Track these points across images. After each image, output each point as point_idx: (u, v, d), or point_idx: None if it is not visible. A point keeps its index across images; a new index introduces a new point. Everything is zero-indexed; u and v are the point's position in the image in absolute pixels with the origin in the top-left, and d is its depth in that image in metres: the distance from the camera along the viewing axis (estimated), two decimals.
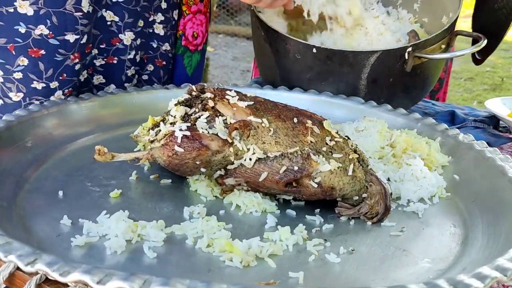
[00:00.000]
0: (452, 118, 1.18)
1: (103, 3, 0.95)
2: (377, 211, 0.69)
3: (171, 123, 0.74)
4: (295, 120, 0.72)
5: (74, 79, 0.93)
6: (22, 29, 0.87)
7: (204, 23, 1.13)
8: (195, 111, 0.74)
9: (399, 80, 1.08)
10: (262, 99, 0.76)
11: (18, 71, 0.89)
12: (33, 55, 0.88)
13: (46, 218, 0.63)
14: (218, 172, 0.72)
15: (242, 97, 0.75)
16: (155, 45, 1.06)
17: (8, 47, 0.87)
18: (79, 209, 0.66)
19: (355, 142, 0.85)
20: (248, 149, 0.70)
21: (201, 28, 1.13)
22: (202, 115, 0.73)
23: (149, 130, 0.78)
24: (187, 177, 0.75)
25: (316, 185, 0.68)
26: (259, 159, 0.70)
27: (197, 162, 0.70)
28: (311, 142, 0.71)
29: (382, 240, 0.65)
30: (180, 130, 0.70)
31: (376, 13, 1.23)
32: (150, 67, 1.08)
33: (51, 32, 0.88)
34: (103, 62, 0.99)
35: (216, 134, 0.70)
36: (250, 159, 0.70)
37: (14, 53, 0.88)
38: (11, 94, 0.90)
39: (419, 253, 0.63)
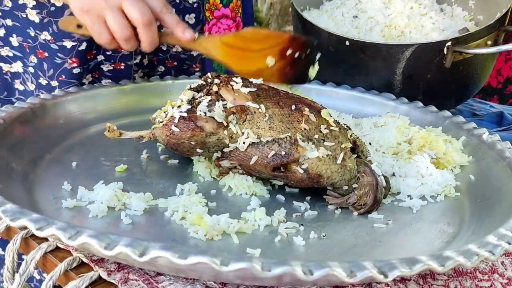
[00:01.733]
0: (500, 120, 1.11)
1: None
2: (365, 202, 0.68)
3: (178, 106, 0.78)
4: (293, 107, 0.73)
5: (73, 81, 1.02)
6: (32, 33, 1.00)
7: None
8: (201, 95, 0.78)
9: (438, 77, 1.04)
10: (267, 87, 0.78)
11: (31, 66, 1.02)
12: (39, 56, 1.01)
13: (51, 183, 0.70)
14: (215, 154, 0.75)
15: (246, 83, 0.77)
16: (164, 48, 1.13)
17: (24, 45, 1.00)
18: (84, 178, 0.72)
19: (372, 136, 0.84)
20: (243, 133, 0.72)
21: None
22: (205, 99, 0.76)
23: (163, 112, 0.83)
24: (192, 158, 0.79)
25: (302, 171, 0.69)
26: (252, 143, 0.72)
27: (192, 143, 0.73)
28: (304, 129, 0.71)
29: (361, 230, 0.64)
30: (180, 112, 0.74)
31: (424, 10, 1.19)
32: (161, 68, 1.15)
33: (52, 38, 1.00)
34: (110, 68, 1.07)
35: (212, 117, 0.73)
36: (244, 142, 0.72)
37: (28, 51, 1.01)
38: (28, 84, 1.02)
39: (394, 246, 0.61)
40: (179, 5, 1.11)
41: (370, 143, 0.84)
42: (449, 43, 0.98)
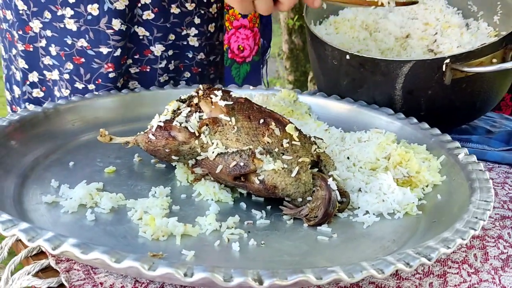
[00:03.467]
0: (510, 138, 1.08)
1: (135, 21, 1.12)
2: (317, 215, 0.72)
3: (165, 115, 0.85)
4: (261, 121, 0.78)
5: (108, 85, 1.12)
6: (69, 41, 1.10)
7: (250, 37, 1.23)
8: (184, 106, 0.85)
9: (439, 94, 1.03)
10: (244, 100, 0.83)
11: (66, 73, 1.12)
12: (76, 62, 1.11)
13: (44, 180, 0.80)
14: (190, 162, 0.82)
15: (225, 97, 0.83)
16: (190, 55, 1.21)
17: (60, 53, 1.11)
18: (73, 177, 0.81)
19: (351, 150, 0.87)
20: (213, 143, 0.78)
21: (247, 42, 1.23)
22: (185, 110, 0.83)
23: None
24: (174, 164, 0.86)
25: (259, 182, 0.73)
26: (220, 153, 0.77)
27: (167, 150, 0.80)
28: (267, 142, 0.76)
29: (303, 241, 0.68)
30: (159, 121, 0.81)
31: (447, 24, 1.19)
32: (187, 74, 1.23)
33: (89, 45, 1.10)
34: (137, 70, 1.17)
35: (186, 127, 0.80)
36: (213, 152, 0.78)
37: (64, 59, 1.11)
38: (62, 90, 1.13)
39: (323, 259, 0.64)
40: (204, 15, 1.19)
41: (348, 158, 0.87)
42: (447, 60, 0.98)
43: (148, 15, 1.13)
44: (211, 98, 0.83)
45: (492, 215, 0.80)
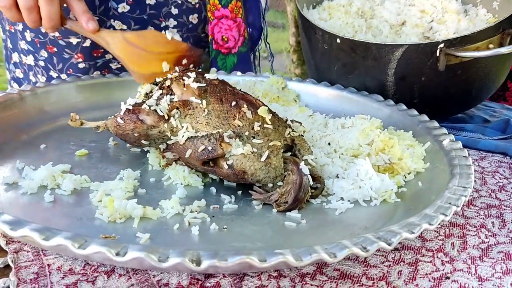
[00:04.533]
0: (506, 127, 1.03)
1: (110, 14, 1.09)
2: (286, 200, 0.68)
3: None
4: (233, 103, 0.75)
5: (80, 75, 1.10)
6: (42, 29, 1.07)
7: (233, 27, 1.19)
8: (157, 89, 0.82)
9: (433, 80, 0.99)
10: (217, 82, 0.80)
11: (41, 60, 1.11)
12: (49, 50, 1.10)
13: (9, 160, 0.78)
14: (161, 146, 0.79)
15: (199, 79, 0.80)
16: None
17: (35, 40, 1.09)
18: (42, 159, 0.79)
19: (333, 136, 0.84)
20: (183, 127, 0.75)
21: (231, 33, 1.20)
22: (157, 93, 0.80)
23: None
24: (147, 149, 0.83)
25: (227, 167, 0.70)
26: (190, 137, 0.74)
27: (136, 134, 0.77)
28: (238, 125, 0.73)
29: (269, 227, 0.65)
30: (128, 105, 0.78)
31: (443, 10, 1.14)
32: None
33: (60, 35, 1.08)
34: (119, 66, 1.14)
35: (155, 110, 0.76)
36: (183, 136, 0.75)
37: (38, 46, 1.10)
38: (39, 76, 1.13)
39: (287, 245, 0.61)
40: (181, 5, 1.16)
41: (329, 144, 0.83)
42: (441, 45, 0.94)
43: (123, 7, 1.10)
44: (183, 80, 0.80)
45: (478, 204, 0.76)
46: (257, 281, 0.55)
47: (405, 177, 0.77)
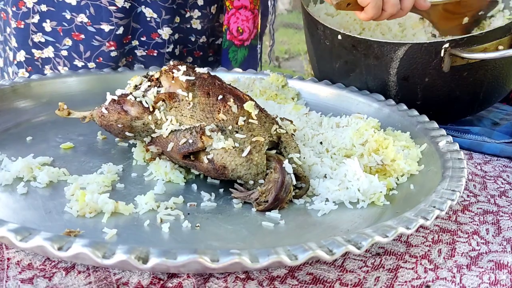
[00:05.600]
0: None
1: (142, 0, 1.07)
2: (267, 199, 0.65)
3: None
4: (220, 97, 0.72)
5: (110, 64, 1.07)
6: (68, 16, 1.06)
7: (250, 19, 1.17)
8: (146, 81, 0.80)
9: (437, 82, 0.95)
10: (207, 76, 0.77)
11: (64, 49, 1.08)
12: (75, 38, 1.07)
13: None
14: (146, 139, 0.76)
15: (189, 72, 0.78)
16: (193, 39, 1.16)
17: (57, 29, 1.07)
18: (25, 151, 0.77)
19: (326, 135, 0.81)
20: (167, 120, 0.73)
21: (247, 24, 1.17)
22: (144, 84, 0.78)
23: None
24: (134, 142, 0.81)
25: (207, 161, 0.67)
26: (173, 131, 0.72)
27: (119, 125, 0.75)
28: (222, 119, 0.70)
29: (245, 226, 0.62)
30: (113, 95, 0.76)
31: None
32: (189, 59, 1.17)
33: (89, 21, 1.05)
34: (144, 53, 1.12)
35: (140, 102, 0.74)
36: (167, 129, 0.72)
37: (61, 34, 1.07)
38: (59, 68, 1.09)
39: (260, 245, 0.58)
40: None
41: (321, 143, 0.80)
42: (446, 45, 0.89)
43: None
44: (173, 73, 0.77)
45: (474, 209, 0.71)
46: (222, 283, 0.52)
47: (398, 179, 0.73)
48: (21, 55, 1.14)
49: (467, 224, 0.67)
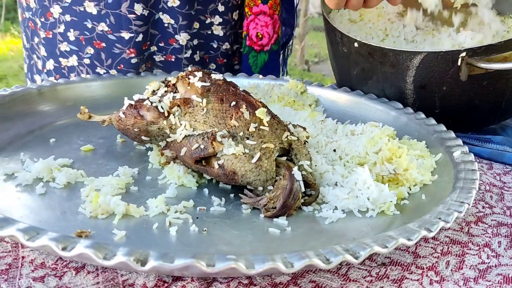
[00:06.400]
0: None
1: (159, 7, 1.10)
2: (275, 206, 0.66)
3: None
4: (233, 103, 0.74)
5: (131, 70, 1.10)
6: (89, 25, 1.09)
7: (269, 24, 1.18)
8: (163, 86, 0.82)
9: (456, 91, 0.93)
10: (222, 82, 0.79)
11: (86, 58, 1.12)
12: (96, 46, 1.10)
13: (17, 152, 0.80)
14: (161, 144, 0.78)
15: (204, 78, 0.79)
16: (215, 45, 1.17)
17: (80, 38, 1.10)
18: (47, 153, 0.80)
19: (340, 143, 0.81)
20: (181, 125, 0.75)
21: (266, 30, 1.18)
22: (161, 90, 0.80)
23: None
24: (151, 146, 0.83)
25: (218, 167, 0.69)
26: (186, 136, 0.74)
27: (136, 129, 0.77)
28: (233, 125, 0.71)
29: (252, 232, 0.63)
30: (131, 100, 0.79)
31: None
32: (213, 66, 1.19)
33: (109, 29, 1.08)
34: (162, 59, 1.14)
35: (156, 107, 0.76)
36: (181, 134, 0.74)
37: (84, 43, 1.10)
38: (82, 75, 1.13)
39: (264, 251, 0.58)
40: (228, 2, 1.17)
41: (334, 150, 0.81)
42: (463, 54, 0.88)
43: (173, 1, 1.11)
44: (189, 78, 0.79)
45: (488, 221, 0.70)
46: (225, 287, 0.53)
47: (410, 189, 0.73)
48: (50, 64, 1.18)
49: (479, 236, 0.66)
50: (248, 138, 0.70)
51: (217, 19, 1.16)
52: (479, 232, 0.67)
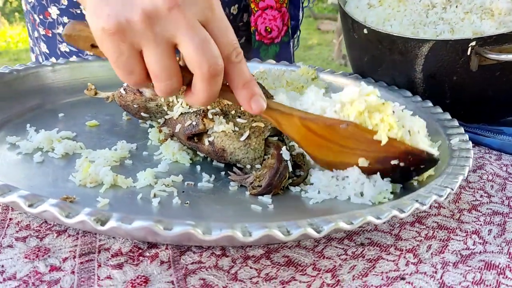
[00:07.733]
0: None
1: None
2: (261, 184, 0.66)
3: None
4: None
5: None
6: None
7: (278, 18, 1.17)
8: None
9: (467, 81, 0.91)
10: None
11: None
12: None
13: (24, 124, 0.83)
14: (160, 121, 0.80)
15: None
16: None
17: None
18: (53, 125, 0.83)
19: None
20: (178, 102, 0.76)
21: (275, 23, 1.18)
22: None
23: None
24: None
25: (208, 143, 0.70)
26: (182, 113, 0.75)
27: (135, 106, 0.79)
28: (227, 104, 0.72)
29: (234, 207, 0.63)
30: None
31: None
32: None
33: None
34: None
35: None
36: (177, 111, 0.75)
37: None
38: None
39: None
40: None
41: None
42: (473, 43, 0.85)
43: None
44: None
45: (483, 210, 0.68)
46: (197, 257, 0.54)
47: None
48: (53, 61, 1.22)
49: (470, 223, 0.65)
50: (239, 117, 0.70)
51: None
52: (470, 220, 0.66)
